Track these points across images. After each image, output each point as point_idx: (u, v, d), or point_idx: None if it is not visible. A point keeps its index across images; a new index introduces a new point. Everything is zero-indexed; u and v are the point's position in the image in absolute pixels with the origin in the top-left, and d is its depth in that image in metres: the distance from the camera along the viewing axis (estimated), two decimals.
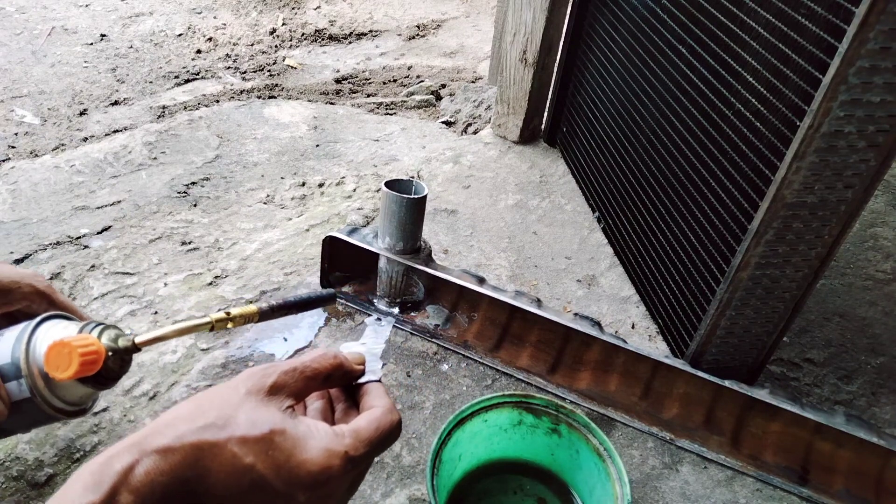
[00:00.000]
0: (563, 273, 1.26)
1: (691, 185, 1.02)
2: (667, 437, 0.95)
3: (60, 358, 0.53)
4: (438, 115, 2.02)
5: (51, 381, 0.59)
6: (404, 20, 2.99)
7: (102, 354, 0.55)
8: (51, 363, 0.54)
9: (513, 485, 0.86)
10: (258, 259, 1.21)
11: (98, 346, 0.55)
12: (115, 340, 0.58)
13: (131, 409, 0.90)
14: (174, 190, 1.39)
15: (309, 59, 2.51)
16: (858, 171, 0.78)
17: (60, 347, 0.53)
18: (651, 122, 1.14)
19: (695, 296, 1.01)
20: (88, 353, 0.54)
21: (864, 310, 1.26)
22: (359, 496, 0.82)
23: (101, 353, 0.55)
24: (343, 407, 0.54)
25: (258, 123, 1.71)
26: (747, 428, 0.95)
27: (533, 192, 1.49)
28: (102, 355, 0.55)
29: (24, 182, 1.38)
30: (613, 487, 0.76)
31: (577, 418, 0.81)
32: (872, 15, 0.65)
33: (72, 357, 0.53)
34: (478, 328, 1.08)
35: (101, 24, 2.53)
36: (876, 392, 1.09)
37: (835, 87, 0.70)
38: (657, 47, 1.11)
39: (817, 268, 0.89)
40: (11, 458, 0.81)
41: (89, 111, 1.93)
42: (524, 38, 1.51)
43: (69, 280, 1.11)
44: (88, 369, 0.54)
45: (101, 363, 0.56)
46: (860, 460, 0.91)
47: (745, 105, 0.87)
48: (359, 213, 1.36)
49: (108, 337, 0.58)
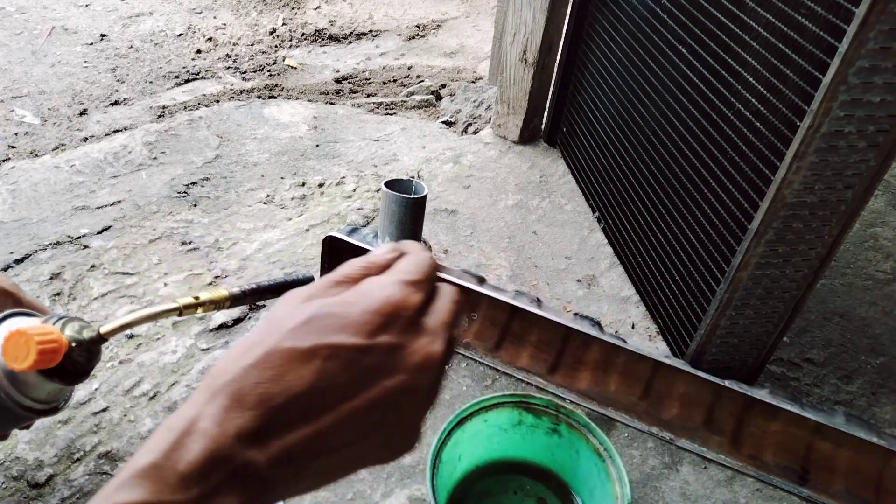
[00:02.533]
0: (563, 273, 1.26)
1: (691, 185, 1.02)
2: (667, 437, 0.95)
3: (18, 348, 0.51)
4: (438, 115, 2.02)
5: (16, 379, 0.56)
6: (404, 20, 2.99)
7: (63, 344, 0.53)
8: (8, 354, 0.52)
9: (513, 485, 0.86)
10: (258, 259, 1.21)
11: (57, 335, 0.53)
12: (79, 332, 0.56)
13: (131, 409, 0.90)
14: (174, 190, 1.39)
15: (309, 59, 2.51)
16: (858, 171, 0.78)
17: (17, 337, 0.51)
18: (651, 122, 1.14)
19: (695, 296, 1.01)
20: (47, 342, 0.52)
21: (864, 310, 1.26)
22: (359, 496, 0.83)
23: (60, 342, 0.53)
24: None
25: (258, 123, 1.71)
26: (747, 428, 0.95)
27: (533, 192, 1.49)
28: (63, 345, 0.53)
29: (24, 182, 1.38)
30: (613, 487, 0.76)
31: (577, 418, 0.81)
32: (872, 15, 0.65)
33: (29, 346, 0.51)
34: (478, 328, 1.08)
35: (101, 24, 2.53)
36: (876, 392, 1.09)
37: (835, 87, 0.70)
38: (657, 47, 1.11)
39: (817, 268, 0.89)
40: (11, 458, 0.81)
41: (89, 111, 1.93)
42: (524, 38, 1.51)
43: (69, 280, 1.11)
44: (48, 359, 0.52)
45: (62, 353, 0.54)
46: (860, 460, 0.91)
47: (745, 105, 0.87)
48: (359, 213, 1.36)
49: (72, 329, 0.56)
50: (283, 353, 0.33)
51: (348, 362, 0.34)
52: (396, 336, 0.36)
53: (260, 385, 0.33)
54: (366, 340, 0.35)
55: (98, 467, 0.81)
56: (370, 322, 0.36)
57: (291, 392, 0.33)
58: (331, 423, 0.34)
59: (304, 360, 0.34)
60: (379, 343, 0.35)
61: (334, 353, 0.34)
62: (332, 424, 0.34)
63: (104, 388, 0.92)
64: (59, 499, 0.78)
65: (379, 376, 0.35)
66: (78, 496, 0.78)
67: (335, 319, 0.35)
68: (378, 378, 0.35)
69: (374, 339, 0.35)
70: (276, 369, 0.33)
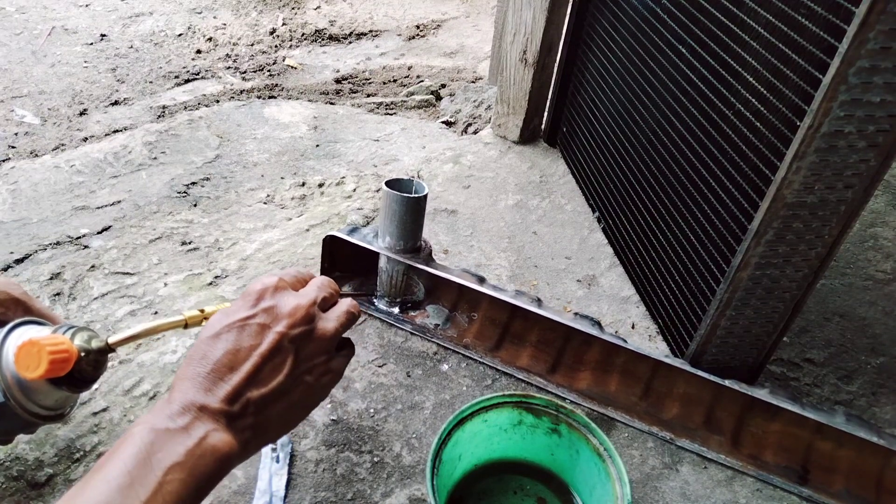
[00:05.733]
0: (563, 273, 1.26)
1: (691, 185, 1.02)
2: (667, 437, 0.95)
3: (30, 357, 0.53)
4: (438, 115, 2.02)
5: (25, 386, 0.57)
6: (404, 20, 2.99)
7: (74, 354, 0.55)
8: (20, 363, 0.53)
9: (513, 485, 0.86)
10: (258, 259, 1.21)
11: (68, 345, 0.55)
12: (88, 342, 0.58)
13: (131, 409, 0.90)
14: (174, 190, 1.39)
15: (309, 59, 2.51)
16: (858, 171, 0.78)
17: (30, 347, 0.53)
18: (651, 122, 1.14)
19: (695, 296, 1.01)
20: (58, 352, 0.53)
21: (864, 310, 1.26)
22: (359, 496, 0.83)
23: (71, 352, 0.55)
24: None
25: (258, 123, 1.71)
26: (747, 428, 0.95)
27: (533, 192, 1.49)
28: (74, 355, 0.55)
29: (24, 182, 1.38)
30: (613, 487, 0.76)
31: (577, 418, 0.81)
32: (872, 15, 0.65)
33: (41, 356, 0.53)
34: (478, 328, 1.08)
35: (101, 24, 2.53)
36: (876, 392, 1.09)
37: (835, 87, 0.70)
38: (657, 47, 1.11)
39: (817, 268, 0.89)
40: (11, 458, 0.81)
41: (89, 111, 1.93)
42: (524, 38, 1.51)
43: (69, 280, 1.11)
44: (59, 368, 0.54)
45: (72, 363, 0.55)
46: (860, 460, 0.91)
47: (745, 105, 0.87)
48: (359, 213, 1.36)
49: (81, 338, 0.58)
50: (203, 342, 0.54)
51: (242, 327, 0.54)
52: (270, 300, 0.56)
53: (195, 365, 0.52)
54: (249, 311, 0.55)
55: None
56: (248, 301, 0.56)
57: (214, 360, 0.52)
58: (251, 367, 0.52)
59: (216, 339, 0.54)
60: (258, 309, 0.56)
61: (231, 326, 0.54)
62: (252, 368, 0.52)
63: (104, 388, 0.92)
64: (59, 499, 0.78)
65: (268, 328, 0.55)
66: None
67: (228, 312, 0.56)
68: (268, 329, 0.55)
69: (255, 308, 0.56)
70: (201, 352, 0.53)
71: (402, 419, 0.93)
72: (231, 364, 0.52)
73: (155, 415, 0.49)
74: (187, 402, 0.49)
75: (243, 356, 0.52)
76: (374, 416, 0.93)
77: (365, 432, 0.91)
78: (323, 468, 0.85)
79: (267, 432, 0.54)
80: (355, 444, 0.89)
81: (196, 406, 0.49)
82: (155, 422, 0.48)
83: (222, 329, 0.54)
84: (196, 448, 0.47)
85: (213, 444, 0.48)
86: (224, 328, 0.54)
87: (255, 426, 0.52)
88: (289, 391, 0.54)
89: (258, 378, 0.52)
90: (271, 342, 0.54)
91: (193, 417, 0.49)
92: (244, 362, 0.52)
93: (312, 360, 0.57)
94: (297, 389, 0.55)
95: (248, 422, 0.52)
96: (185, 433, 0.48)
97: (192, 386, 0.51)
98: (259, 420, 0.52)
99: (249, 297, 0.56)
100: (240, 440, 0.51)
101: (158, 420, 0.48)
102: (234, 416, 0.51)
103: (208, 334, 0.54)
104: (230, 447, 0.49)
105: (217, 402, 0.50)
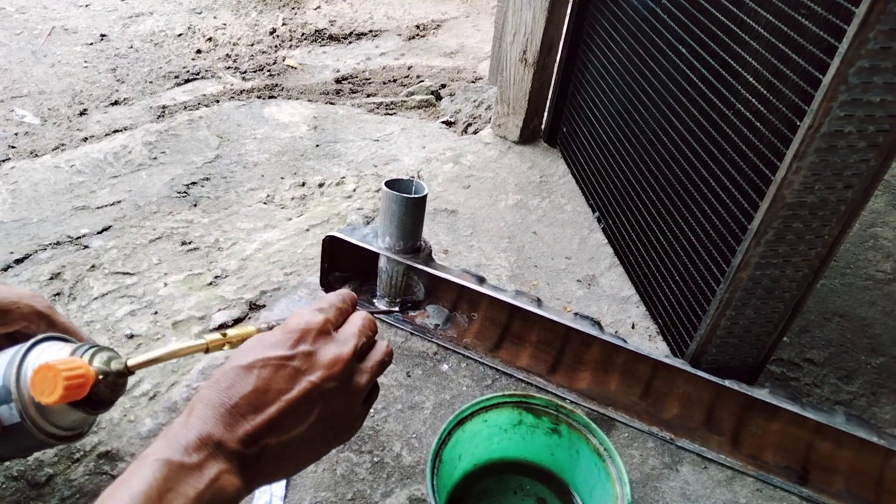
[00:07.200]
0: (563, 273, 1.26)
1: (691, 185, 1.02)
2: (667, 437, 0.95)
3: (45, 382, 0.52)
4: (438, 115, 2.02)
5: (42, 406, 0.56)
6: (404, 20, 2.99)
7: (90, 378, 0.54)
8: (36, 387, 0.53)
9: (513, 485, 0.86)
10: (258, 259, 1.21)
11: (86, 369, 0.54)
12: (107, 363, 0.57)
13: (131, 408, 0.90)
14: (174, 190, 1.39)
15: (309, 59, 2.51)
16: (858, 171, 0.78)
17: (46, 371, 0.52)
18: (651, 122, 1.14)
19: (695, 296, 1.01)
20: (74, 378, 0.53)
21: (864, 310, 1.26)
22: (359, 496, 0.83)
23: (88, 376, 0.54)
24: None
25: (258, 123, 1.71)
26: (747, 428, 0.95)
27: (533, 192, 1.49)
28: (90, 379, 0.54)
29: (24, 182, 1.38)
30: (613, 487, 0.76)
31: (577, 418, 0.81)
32: (872, 15, 0.65)
33: (56, 381, 0.52)
34: (478, 328, 1.08)
35: (101, 24, 2.53)
36: (876, 392, 1.09)
37: (835, 87, 0.70)
38: (657, 47, 1.11)
39: (817, 268, 0.89)
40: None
41: (89, 111, 1.93)
42: (524, 38, 1.51)
43: (69, 280, 1.11)
44: (75, 393, 0.53)
45: (89, 387, 0.54)
46: (860, 460, 0.91)
47: (745, 105, 0.87)
48: (359, 213, 1.36)
49: (101, 360, 0.57)
50: (232, 370, 0.52)
51: (277, 367, 0.52)
52: (310, 345, 0.55)
53: (220, 394, 0.51)
54: (287, 351, 0.53)
55: (98, 467, 0.81)
56: (289, 338, 0.54)
57: (241, 394, 0.51)
58: (276, 412, 0.51)
59: (248, 371, 0.52)
60: (298, 352, 0.54)
61: (266, 362, 0.52)
62: (277, 413, 0.51)
63: None
64: (58, 499, 0.78)
65: (302, 375, 0.53)
66: (78, 496, 0.78)
67: (266, 343, 0.54)
68: (302, 375, 0.53)
69: (294, 349, 0.54)
70: (229, 381, 0.51)
71: (402, 419, 0.93)
72: (257, 404, 0.51)
73: (170, 441, 0.48)
74: (205, 435, 0.48)
75: (271, 398, 0.51)
76: (374, 415, 0.93)
77: (365, 432, 0.91)
78: (323, 468, 0.85)
79: (277, 475, 0.53)
80: (355, 444, 0.89)
81: (213, 441, 0.48)
82: (171, 453, 0.47)
83: (256, 362, 0.52)
84: (206, 491, 0.47)
85: (222, 486, 0.48)
86: (259, 361, 0.52)
87: (266, 471, 0.52)
88: (308, 441, 0.53)
89: (281, 425, 0.51)
90: (301, 390, 0.52)
91: (208, 455, 0.48)
92: (270, 405, 0.51)
93: (339, 414, 0.55)
94: (317, 439, 0.54)
95: (261, 467, 0.51)
96: (198, 473, 0.47)
97: (213, 416, 0.50)
98: (271, 466, 0.52)
99: (291, 334, 0.55)
100: (247, 482, 0.50)
101: (174, 451, 0.47)
102: (249, 460, 0.50)
103: (241, 363, 0.52)
104: (237, 489, 0.49)
105: (235, 441, 0.49)
